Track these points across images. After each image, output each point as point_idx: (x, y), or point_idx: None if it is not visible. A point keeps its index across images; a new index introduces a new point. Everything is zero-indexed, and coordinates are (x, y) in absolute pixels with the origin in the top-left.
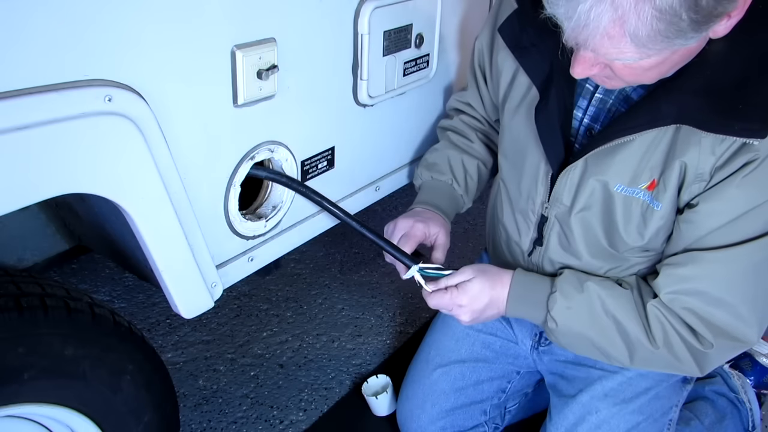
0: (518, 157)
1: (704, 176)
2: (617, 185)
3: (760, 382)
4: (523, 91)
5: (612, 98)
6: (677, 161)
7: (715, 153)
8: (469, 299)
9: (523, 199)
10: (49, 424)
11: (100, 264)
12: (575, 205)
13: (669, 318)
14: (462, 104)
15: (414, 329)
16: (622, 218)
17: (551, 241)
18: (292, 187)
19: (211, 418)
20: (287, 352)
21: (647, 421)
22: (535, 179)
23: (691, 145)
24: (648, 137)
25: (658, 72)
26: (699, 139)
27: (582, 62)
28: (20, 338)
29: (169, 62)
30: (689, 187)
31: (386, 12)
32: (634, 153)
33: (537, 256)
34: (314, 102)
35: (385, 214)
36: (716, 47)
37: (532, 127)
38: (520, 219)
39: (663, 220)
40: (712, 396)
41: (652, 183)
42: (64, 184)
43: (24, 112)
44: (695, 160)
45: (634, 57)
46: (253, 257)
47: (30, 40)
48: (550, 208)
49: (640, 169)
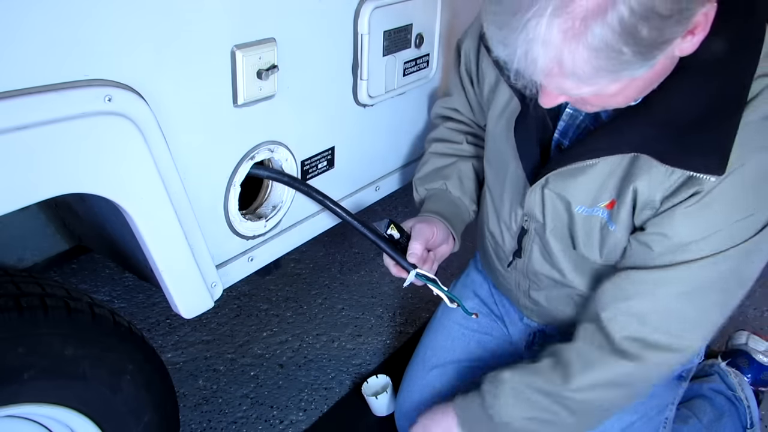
0: (501, 165)
1: (654, 204)
2: (578, 207)
3: (757, 380)
4: (505, 100)
5: (582, 114)
6: (630, 186)
7: (665, 182)
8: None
9: (506, 209)
10: (49, 424)
11: (100, 264)
12: (546, 220)
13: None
14: (448, 110)
15: (414, 329)
16: (582, 236)
17: (534, 252)
18: (294, 186)
19: (211, 418)
20: (287, 352)
21: (642, 420)
22: (517, 190)
23: (643, 173)
24: (609, 162)
25: (625, 97)
26: (650, 168)
27: (547, 95)
28: (20, 338)
29: (169, 62)
30: (640, 212)
31: (386, 12)
32: (596, 176)
33: (520, 266)
34: (314, 102)
35: (385, 214)
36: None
37: (510, 140)
38: (504, 228)
39: (616, 242)
40: (710, 394)
41: (611, 202)
42: (64, 184)
43: (24, 112)
44: (646, 188)
45: (588, 90)
46: (253, 257)
47: (30, 40)
48: (529, 221)
49: (600, 192)
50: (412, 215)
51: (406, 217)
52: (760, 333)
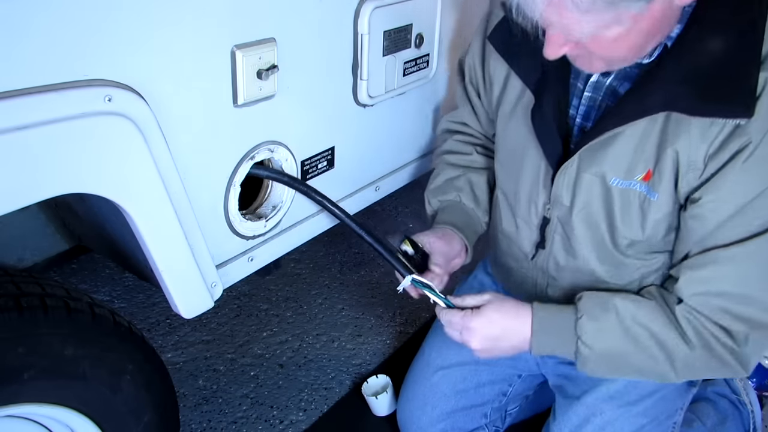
0: (515, 161)
1: (698, 164)
2: (613, 179)
3: (762, 384)
4: (516, 96)
5: (601, 95)
6: (669, 149)
7: (706, 139)
8: (482, 324)
9: (524, 203)
10: (49, 424)
11: (100, 264)
12: (575, 203)
13: (700, 319)
14: (456, 124)
15: (414, 329)
16: (620, 211)
17: (555, 242)
18: (293, 186)
19: (211, 418)
20: (287, 352)
21: (652, 424)
22: (536, 181)
23: (681, 133)
24: (639, 128)
25: (628, 46)
26: (688, 127)
27: (551, 43)
28: (20, 338)
29: (169, 62)
30: (684, 176)
31: (386, 12)
32: (627, 145)
33: (541, 259)
34: (314, 102)
35: (385, 214)
36: (695, 33)
37: (528, 130)
38: (522, 224)
39: (661, 212)
40: (714, 397)
41: (648, 174)
42: (64, 184)
43: (24, 112)
44: (686, 148)
45: (590, 28)
46: (253, 257)
47: (30, 40)
48: (552, 209)
49: (635, 161)
50: (412, 215)
51: (406, 217)
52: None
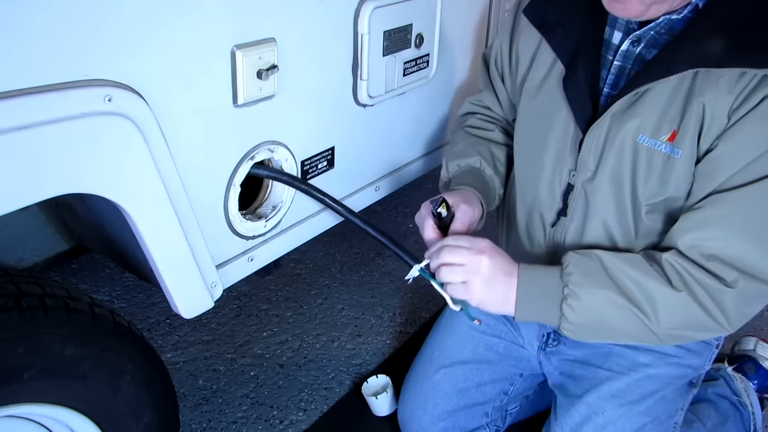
0: (540, 133)
1: (722, 119)
2: (640, 136)
3: (763, 386)
4: (545, 70)
5: (630, 63)
6: (695, 102)
7: (732, 92)
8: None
9: (547, 172)
10: (49, 424)
11: (100, 264)
12: (600, 166)
13: (685, 266)
14: (477, 107)
15: (414, 329)
16: (643, 171)
17: (577, 210)
18: (294, 185)
19: (211, 418)
20: (287, 352)
21: (653, 423)
22: (564, 147)
23: (708, 87)
24: (667, 87)
25: None
26: (716, 80)
27: None
28: (20, 338)
29: (169, 62)
30: (707, 131)
31: (386, 12)
32: (655, 103)
33: (560, 228)
34: (314, 102)
35: (385, 214)
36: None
37: (556, 100)
38: (544, 193)
39: (684, 169)
40: (715, 398)
41: (673, 134)
42: (64, 184)
43: (24, 112)
44: (712, 101)
45: None
46: (253, 257)
47: (30, 41)
48: (577, 176)
49: (662, 120)
50: (412, 215)
51: (407, 217)
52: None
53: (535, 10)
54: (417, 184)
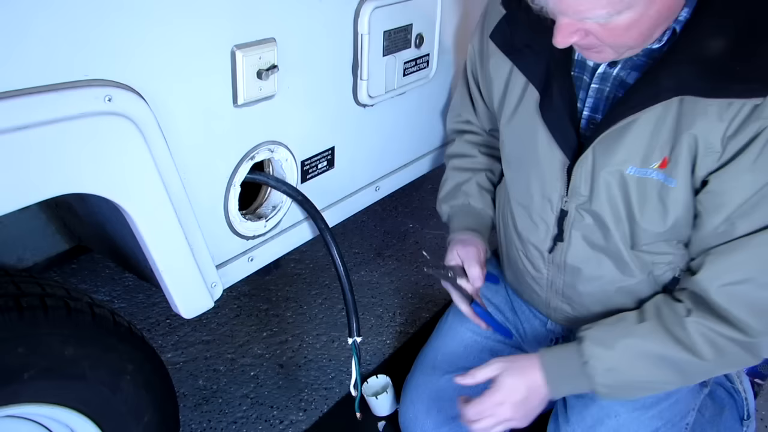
0: (524, 159)
1: (716, 147)
2: (629, 168)
3: (754, 371)
4: (518, 94)
5: (608, 86)
6: (686, 134)
7: (724, 119)
8: (505, 394)
9: (538, 198)
10: (49, 424)
11: (100, 264)
12: (594, 194)
13: (712, 326)
14: (461, 124)
15: (414, 329)
16: (638, 203)
17: (573, 236)
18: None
19: (211, 418)
20: (287, 352)
21: (666, 426)
22: (552, 175)
23: (697, 116)
24: (653, 115)
25: (639, 32)
26: (705, 108)
27: (561, 30)
28: (20, 338)
29: (169, 62)
30: (703, 160)
31: (386, 12)
32: (642, 132)
33: (559, 254)
34: (314, 102)
35: (385, 214)
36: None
37: (535, 126)
38: (538, 220)
39: (681, 199)
40: (711, 387)
41: (664, 161)
42: (65, 184)
43: (24, 112)
44: (704, 130)
45: (602, 14)
46: (253, 257)
47: (30, 41)
48: (570, 202)
49: (650, 149)
50: (412, 215)
51: (405, 217)
52: None
53: (501, 35)
54: (417, 184)
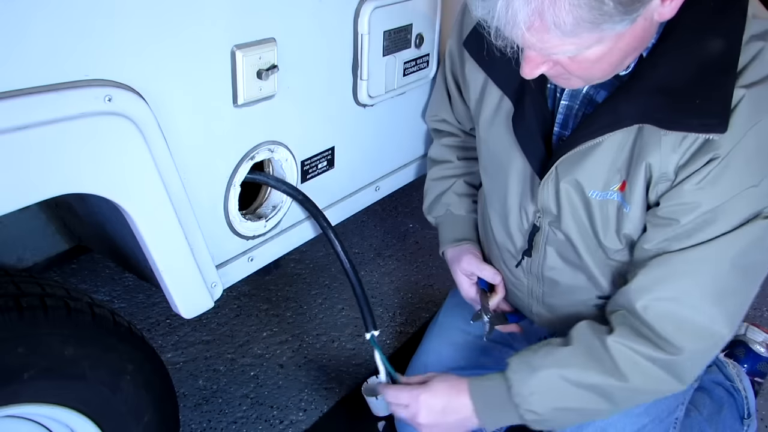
0: (501, 170)
1: (669, 175)
2: (591, 191)
3: (754, 370)
4: (495, 103)
5: (577, 103)
6: (642, 163)
7: (677, 151)
8: (427, 396)
9: (514, 211)
10: (49, 424)
11: (100, 264)
12: (561, 213)
13: (632, 345)
14: (437, 122)
15: (414, 329)
16: (600, 223)
17: (548, 251)
18: (288, 194)
19: (211, 418)
20: (287, 352)
21: (653, 423)
22: (525, 190)
23: (652, 145)
24: (615, 140)
25: (609, 63)
26: (659, 139)
27: (529, 62)
28: (20, 338)
29: (169, 62)
30: (656, 186)
31: (386, 12)
32: (604, 156)
33: (535, 265)
34: (314, 102)
35: (385, 213)
36: (670, 44)
37: (511, 138)
38: (515, 230)
39: (633, 223)
40: (710, 386)
41: (623, 184)
42: (65, 184)
43: (24, 112)
44: (658, 161)
45: (571, 49)
46: (253, 257)
47: (30, 40)
48: (542, 217)
49: (611, 173)
50: (411, 215)
51: (405, 217)
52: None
53: (475, 43)
54: (417, 184)
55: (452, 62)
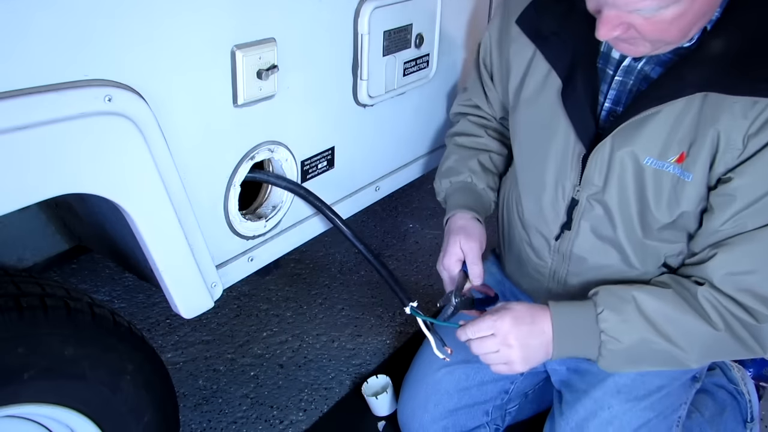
0: (540, 145)
1: (737, 144)
2: (647, 158)
3: (759, 374)
4: (540, 80)
5: (631, 79)
6: (710, 129)
7: (748, 117)
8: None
9: (550, 185)
10: (49, 424)
11: (100, 264)
12: (607, 184)
13: (722, 301)
14: (467, 107)
15: (414, 329)
16: (653, 194)
17: (582, 226)
18: (291, 189)
19: (211, 418)
20: (287, 352)
21: (658, 418)
22: (565, 163)
23: (722, 112)
24: (675, 109)
25: (679, 28)
26: (730, 105)
27: (606, 23)
28: (20, 338)
29: (169, 62)
30: (722, 157)
31: (386, 12)
32: (662, 125)
33: (565, 243)
34: (314, 102)
35: (385, 213)
36: (736, 14)
37: (554, 113)
38: (548, 207)
39: (695, 193)
40: (712, 388)
41: (681, 156)
42: (65, 184)
43: (24, 112)
44: (728, 127)
45: (651, 6)
46: (253, 257)
47: (30, 40)
48: (582, 191)
49: (669, 142)
50: (411, 215)
51: (405, 217)
52: None
53: (528, 21)
54: (417, 184)
55: (487, 52)
